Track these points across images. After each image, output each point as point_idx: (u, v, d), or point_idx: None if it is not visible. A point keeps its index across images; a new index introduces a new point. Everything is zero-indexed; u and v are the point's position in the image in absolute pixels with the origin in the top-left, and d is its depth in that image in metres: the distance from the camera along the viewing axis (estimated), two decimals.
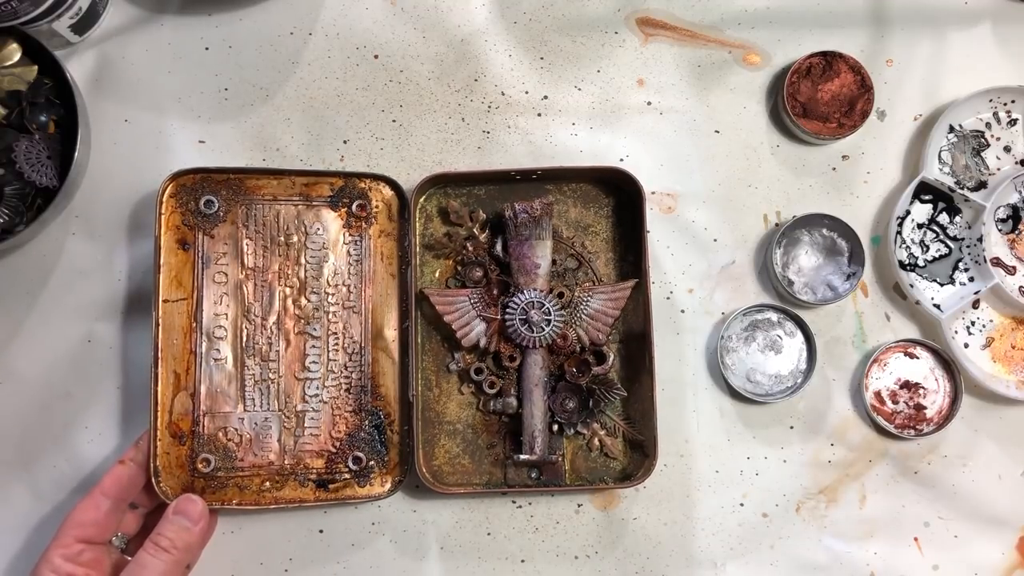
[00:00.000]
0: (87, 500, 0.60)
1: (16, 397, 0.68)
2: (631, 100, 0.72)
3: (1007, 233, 0.71)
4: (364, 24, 0.72)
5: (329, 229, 0.68)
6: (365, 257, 0.68)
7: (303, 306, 0.67)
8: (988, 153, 0.72)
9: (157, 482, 0.62)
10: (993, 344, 0.71)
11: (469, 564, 0.68)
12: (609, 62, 0.73)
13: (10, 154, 0.64)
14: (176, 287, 0.65)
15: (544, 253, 0.67)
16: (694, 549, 0.68)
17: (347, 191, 0.69)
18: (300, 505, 0.65)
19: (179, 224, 0.66)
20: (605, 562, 0.68)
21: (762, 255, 0.71)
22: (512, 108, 0.72)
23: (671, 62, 0.73)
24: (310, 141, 0.71)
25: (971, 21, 0.73)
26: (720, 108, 0.72)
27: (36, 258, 0.69)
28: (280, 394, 0.66)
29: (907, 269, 0.70)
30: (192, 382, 0.64)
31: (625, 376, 0.68)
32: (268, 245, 0.67)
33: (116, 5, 0.72)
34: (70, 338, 0.69)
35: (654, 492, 0.69)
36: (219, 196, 0.66)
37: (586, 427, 0.68)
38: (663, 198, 0.71)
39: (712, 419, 0.69)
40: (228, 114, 0.71)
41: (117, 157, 0.70)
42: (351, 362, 0.67)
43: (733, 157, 0.72)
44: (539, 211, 0.67)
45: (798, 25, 0.73)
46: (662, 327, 0.69)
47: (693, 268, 0.71)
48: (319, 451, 0.66)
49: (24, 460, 0.68)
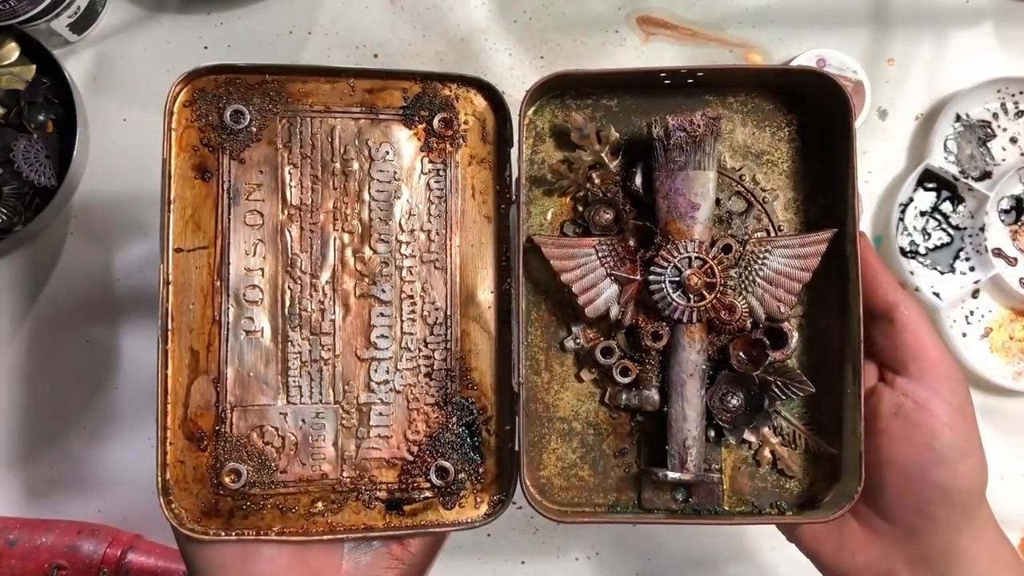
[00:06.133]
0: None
1: (14, 397, 0.68)
2: None
3: (1010, 224, 0.71)
4: (363, 23, 0.71)
5: (402, 153, 0.49)
6: (451, 192, 0.50)
7: (367, 259, 0.49)
8: (994, 143, 0.71)
9: (167, 502, 0.45)
10: (991, 334, 0.71)
11: (469, 564, 0.68)
12: (610, 61, 0.72)
13: (8, 153, 0.64)
14: (193, 231, 0.47)
15: (705, 189, 0.47)
16: (695, 550, 0.69)
17: (426, 100, 0.50)
18: (364, 536, 0.47)
19: (196, 144, 0.47)
20: (606, 563, 0.69)
21: None
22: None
23: (672, 61, 0.72)
24: None
25: (972, 20, 0.73)
26: None
27: (35, 258, 0.69)
28: (336, 380, 0.48)
29: (908, 256, 0.70)
30: (215, 363, 0.47)
31: (811, 364, 0.49)
32: (319, 175, 0.48)
33: (115, 4, 0.71)
34: (68, 338, 0.68)
35: None
36: (251, 106, 0.48)
37: (755, 433, 0.49)
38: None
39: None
40: None
41: (116, 156, 0.69)
42: (433, 336, 0.49)
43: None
44: (701, 128, 0.47)
45: (799, 24, 0.72)
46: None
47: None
48: (390, 459, 0.48)
49: (22, 460, 0.68)
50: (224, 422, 0.46)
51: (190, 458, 0.46)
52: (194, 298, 0.47)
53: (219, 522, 0.46)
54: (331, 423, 0.48)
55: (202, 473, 0.46)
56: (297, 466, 0.47)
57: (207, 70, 0.47)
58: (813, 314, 0.49)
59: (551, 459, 0.50)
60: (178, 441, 0.46)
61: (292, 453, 0.47)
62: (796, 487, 0.49)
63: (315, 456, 0.47)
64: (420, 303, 0.49)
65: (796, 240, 0.48)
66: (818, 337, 0.49)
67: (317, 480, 0.47)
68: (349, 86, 0.49)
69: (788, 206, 0.50)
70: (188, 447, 0.46)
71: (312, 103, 0.49)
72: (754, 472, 0.50)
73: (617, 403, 0.50)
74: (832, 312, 0.49)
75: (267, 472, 0.47)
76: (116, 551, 0.62)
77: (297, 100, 0.48)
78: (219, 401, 0.46)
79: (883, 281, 0.46)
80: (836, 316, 0.48)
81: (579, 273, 0.48)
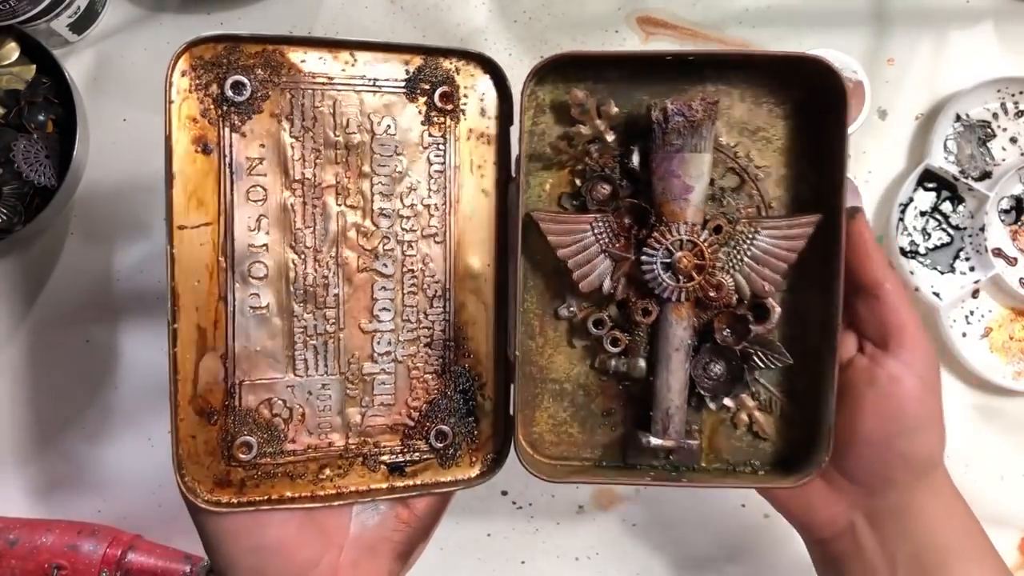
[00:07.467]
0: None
1: (14, 397, 0.68)
2: None
3: (1010, 224, 0.71)
4: (363, 23, 0.71)
5: (403, 126, 0.49)
6: (450, 167, 0.50)
7: (370, 234, 0.49)
8: (994, 143, 0.71)
9: (181, 476, 0.46)
10: (991, 334, 0.71)
11: (469, 564, 0.69)
12: None
13: (8, 153, 0.65)
14: (196, 207, 0.47)
15: (700, 172, 0.49)
16: (695, 550, 0.69)
17: (427, 73, 0.49)
18: (370, 497, 0.50)
19: (196, 116, 0.46)
20: (606, 563, 0.69)
21: None
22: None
23: None
24: None
25: (973, 20, 0.73)
26: None
27: (34, 258, 0.69)
28: (342, 353, 0.49)
29: (908, 256, 0.70)
30: (223, 340, 0.47)
31: (789, 336, 0.52)
32: (321, 148, 0.48)
33: (115, 4, 0.71)
34: (68, 338, 0.69)
35: (655, 492, 0.69)
36: (252, 77, 0.47)
37: (734, 400, 0.52)
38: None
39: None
40: None
41: (116, 156, 0.69)
42: (432, 308, 0.50)
43: None
44: (700, 114, 0.48)
45: (799, 24, 0.72)
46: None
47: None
48: (392, 426, 0.50)
49: (22, 460, 0.68)
50: (233, 396, 0.48)
51: (201, 433, 0.47)
52: (199, 275, 0.47)
53: (231, 492, 0.48)
54: (337, 394, 0.49)
55: (213, 446, 0.47)
56: (305, 436, 0.49)
57: (208, 39, 0.46)
58: (796, 288, 0.52)
59: (543, 416, 0.53)
60: (189, 417, 0.47)
61: (300, 424, 0.49)
62: (770, 448, 0.53)
63: (322, 426, 0.49)
64: (420, 276, 0.50)
65: (784, 222, 0.50)
66: (800, 311, 0.52)
67: (324, 448, 0.49)
68: (351, 58, 0.48)
69: (780, 183, 0.52)
70: (199, 422, 0.47)
71: (314, 75, 0.48)
72: (731, 433, 0.53)
73: (606, 369, 0.52)
74: (814, 288, 0.51)
75: (276, 443, 0.48)
76: (116, 551, 0.63)
77: (298, 72, 0.48)
78: (228, 376, 0.47)
79: (874, 258, 0.49)
80: (818, 292, 0.51)
81: (575, 249, 0.50)
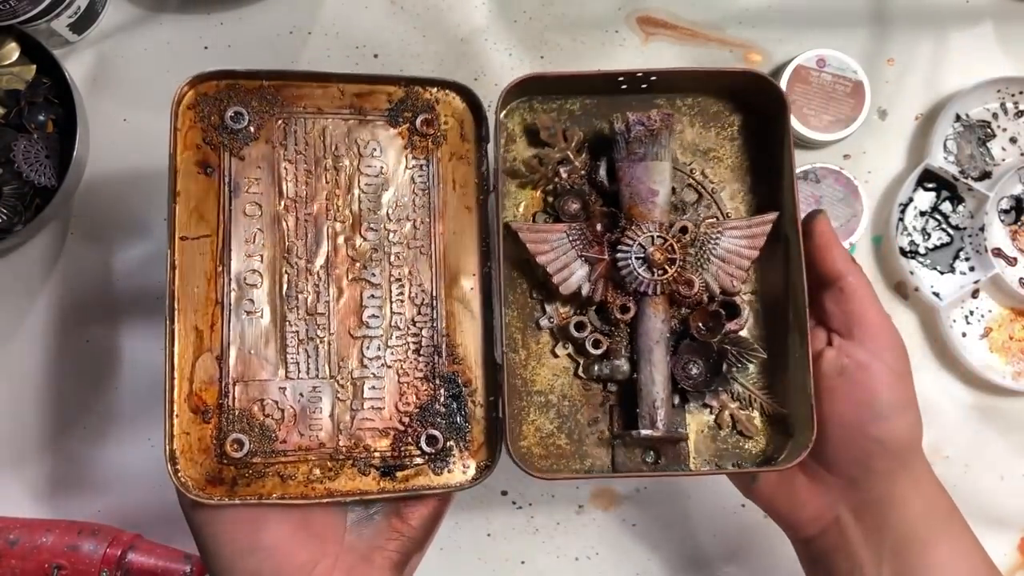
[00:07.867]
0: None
1: (14, 397, 0.68)
2: None
3: (1010, 224, 0.71)
4: (364, 23, 0.71)
5: (388, 150, 0.54)
6: (433, 185, 0.54)
7: (358, 246, 0.53)
8: (994, 143, 0.72)
9: (175, 471, 0.47)
10: (991, 334, 0.71)
11: (469, 564, 0.68)
12: (609, 61, 0.72)
13: (8, 154, 0.64)
14: (197, 221, 0.51)
15: (663, 177, 0.53)
16: (695, 550, 0.68)
17: (409, 103, 0.54)
18: (361, 499, 0.50)
19: (199, 142, 0.51)
20: (606, 563, 0.68)
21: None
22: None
23: (672, 61, 0.72)
24: None
25: (972, 20, 0.73)
26: None
27: (34, 258, 0.69)
28: (332, 356, 0.51)
29: (908, 256, 0.70)
30: (218, 341, 0.50)
31: (762, 336, 0.54)
32: (312, 169, 0.53)
33: (115, 4, 0.71)
34: (68, 338, 0.68)
35: (655, 492, 0.69)
36: (249, 108, 0.52)
37: (715, 397, 0.54)
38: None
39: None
40: None
41: (116, 157, 0.69)
42: (420, 316, 0.53)
43: None
44: (658, 123, 0.53)
45: (799, 24, 0.72)
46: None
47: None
48: (383, 429, 0.51)
49: (22, 460, 0.67)
50: (227, 396, 0.49)
51: (195, 430, 0.49)
52: (198, 281, 0.50)
53: (223, 489, 0.48)
54: (327, 396, 0.51)
55: (207, 444, 0.49)
56: (296, 436, 0.50)
57: (209, 75, 0.52)
58: (762, 289, 0.55)
59: (530, 430, 0.54)
60: (184, 414, 0.49)
61: (291, 424, 0.50)
62: (755, 447, 0.54)
63: (312, 427, 0.51)
64: (408, 285, 0.53)
65: (744, 222, 0.54)
66: (767, 310, 0.55)
67: (315, 449, 0.50)
68: (339, 90, 0.54)
69: (734, 196, 0.56)
70: (193, 419, 0.49)
71: (305, 105, 0.53)
72: (716, 435, 0.54)
73: (591, 374, 0.54)
74: (779, 286, 0.54)
75: (268, 442, 0.50)
76: (116, 551, 0.62)
77: (291, 103, 0.53)
78: (222, 376, 0.50)
79: (835, 252, 0.51)
80: (783, 290, 0.54)
81: (553, 255, 0.53)
